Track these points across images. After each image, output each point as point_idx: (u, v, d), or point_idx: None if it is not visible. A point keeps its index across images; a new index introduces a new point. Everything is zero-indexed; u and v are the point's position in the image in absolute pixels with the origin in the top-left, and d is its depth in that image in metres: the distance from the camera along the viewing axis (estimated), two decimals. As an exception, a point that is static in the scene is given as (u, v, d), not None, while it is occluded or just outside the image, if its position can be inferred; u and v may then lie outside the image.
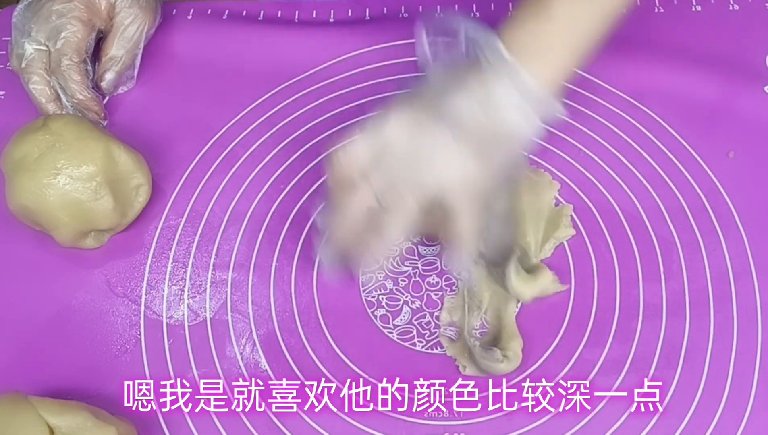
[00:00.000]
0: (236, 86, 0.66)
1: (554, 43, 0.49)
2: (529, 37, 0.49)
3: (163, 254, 0.59)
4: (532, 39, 0.49)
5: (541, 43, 0.49)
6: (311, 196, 0.60)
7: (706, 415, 0.51)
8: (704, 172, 0.61)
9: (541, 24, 0.49)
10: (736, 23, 0.68)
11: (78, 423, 0.46)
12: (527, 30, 0.49)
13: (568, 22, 0.49)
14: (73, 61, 0.61)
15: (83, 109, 0.62)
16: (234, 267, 0.58)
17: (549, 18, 0.49)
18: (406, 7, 0.70)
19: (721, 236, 0.58)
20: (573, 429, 0.51)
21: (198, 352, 0.54)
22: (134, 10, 0.64)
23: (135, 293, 0.57)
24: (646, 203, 0.59)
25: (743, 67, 0.65)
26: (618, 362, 0.53)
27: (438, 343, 0.54)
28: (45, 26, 0.61)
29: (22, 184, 0.54)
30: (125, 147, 0.57)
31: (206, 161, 0.62)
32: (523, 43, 0.49)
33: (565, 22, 0.49)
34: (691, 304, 0.55)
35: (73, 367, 0.54)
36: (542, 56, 0.49)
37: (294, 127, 0.64)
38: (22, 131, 0.56)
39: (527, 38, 0.49)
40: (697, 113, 0.63)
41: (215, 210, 0.60)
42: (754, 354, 0.53)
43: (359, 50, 0.67)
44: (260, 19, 0.70)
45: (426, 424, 0.51)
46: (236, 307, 0.56)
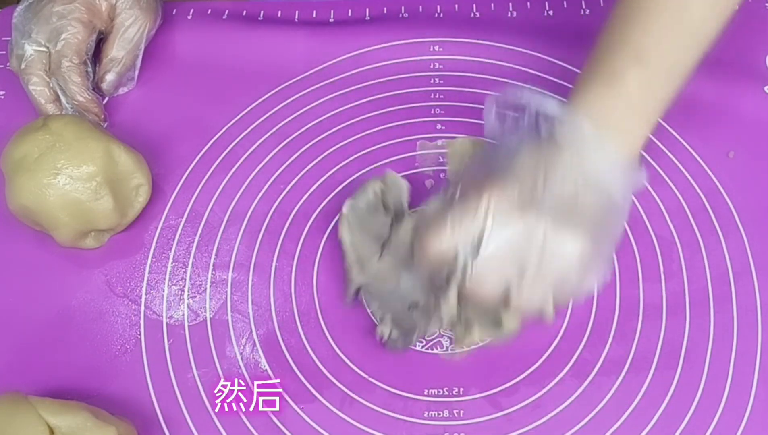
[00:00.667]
0: (236, 86, 0.66)
1: (631, 112, 0.48)
2: (606, 109, 0.47)
3: (163, 254, 0.59)
4: (608, 110, 0.47)
5: (619, 114, 0.48)
6: (311, 196, 0.60)
7: (706, 415, 0.51)
8: (704, 172, 0.61)
9: (614, 92, 0.48)
10: (736, 23, 0.68)
11: (78, 423, 0.46)
12: (602, 101, 0.48)
13: (642, 89, 0.48)
14: (74, 63, 0.61)
15: (83, 110, 0.62)
16: (234, 267, 0.58)
17: (623, 85, 0.47)
18: (406, 7, 0.70)
19: (721, 236, 0.58)
20: (573, 429, 0.51)
21: (198, 352, 0.54)
22: (135, 12, 0.64)
23: (135, 293, 0.57)
24: (646, 203, 0.59)
25: (743, 67, 0.65)
26: (618, 362, 0.53)
27: (438, 343, 0.54)
28: (45, 27, 0.61)
29: (22, 184, 0.54)
30: (125, 147, 0.57)
31: (206, 161, 0.62)
32: (601, 116, 0.47)
33: (640, 90, 0.48)
34: (691, 304, 0.55)
35: (73, 367, 0.54)
36: (622, 127, 0.48)
37: (294, 127, 0.64)
38: (22, 131, 0.56)
39: (604, 110, 0.47)
40: (697, 113, 0.63)
41: (215, 210, 0.60)
42: (754, 354, 0.53)
43: (359, 50, 0.67)
44: (260, 19, 0.70)
45: (426, 424, 0.51)
46: (236, 307, 0.56)
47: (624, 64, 0.48)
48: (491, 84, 0.65)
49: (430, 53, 0.67)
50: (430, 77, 0.66)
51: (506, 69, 0.66)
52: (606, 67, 0.49)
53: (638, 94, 0.48)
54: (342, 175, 0.61)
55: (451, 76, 0.65)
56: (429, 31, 0.68)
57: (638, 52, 0.48)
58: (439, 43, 0.67)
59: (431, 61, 0.67)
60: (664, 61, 0.49)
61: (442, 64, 0.66)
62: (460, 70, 0.66)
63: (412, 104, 0.64)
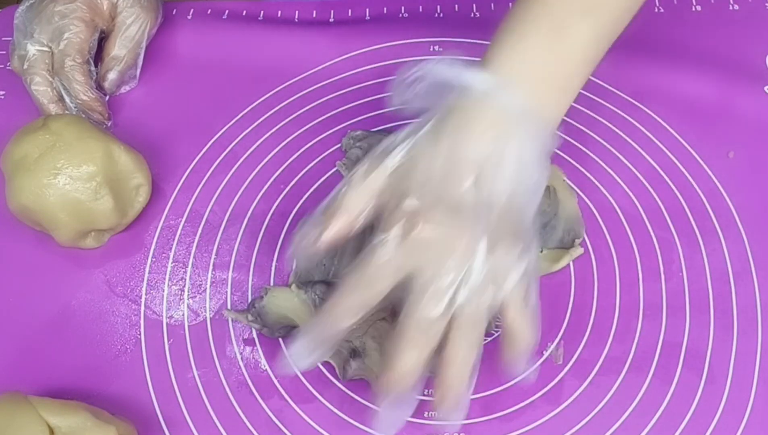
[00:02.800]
0: (236, 86, 0.66)
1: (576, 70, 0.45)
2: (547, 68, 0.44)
3: (163, 254, 0.59)
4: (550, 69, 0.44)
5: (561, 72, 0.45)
6: (311, 196, 0.60)
7: (707, 415, 0.51)
8: (704, 172, 0.61)
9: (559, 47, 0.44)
10: (736, 23, 0.68)
11: (78, 423, 0.46)
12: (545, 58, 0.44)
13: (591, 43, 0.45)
14: (77, 62, 0.61)
15: (87, 110, 0.62)
16: (234, 267, 0.58)
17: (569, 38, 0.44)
18: (406, 7, 0.70)
19: (721, 236, 0.58)
20: (573, 429, 0.51)
21: (198, 352, 0.54)
22: (136, 10, 0.64)
23: (135, 293, 0.57)
24: (646, 203, 0.59)
25: (743, 67, 0.65)
26: (618, 362, 0.53)
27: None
28: (47, 27, 0.61)
29: (22, 184, 0.54)
30: (125, 147, 0.57)
31: (206, 161, 0.62)
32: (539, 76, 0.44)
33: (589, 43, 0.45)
34: (691, 304, 0.55)
35: (73, 367, 0.54)
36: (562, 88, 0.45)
37: (294, 127, 0.64)
38: (22, 131, 0.56)
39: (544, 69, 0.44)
40: (697, 113, 0.63)
41: (215, 210, 0.60)
42: (754, 354, 0.53)
43: (359, 50, 0.67)
44: (260, 19, 0.70)
45: (426, 424, 0.51)
46: (236, 307, 0.56)
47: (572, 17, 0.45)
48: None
49: (430, 53, 0.67)
50: (430, 77, 0.66)
51: (506, 69, 0.66)
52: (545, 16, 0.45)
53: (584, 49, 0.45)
54: (342, 175, 0.61)
55: (451, 76, 0.65)
56: (429, 31, 0.68)
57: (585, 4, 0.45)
58: (439, 43, 0.67)
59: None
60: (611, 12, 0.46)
61: (442, 64, 0.66)
62: (460, 70, 0.66)
63: (412, 104, 0.64)
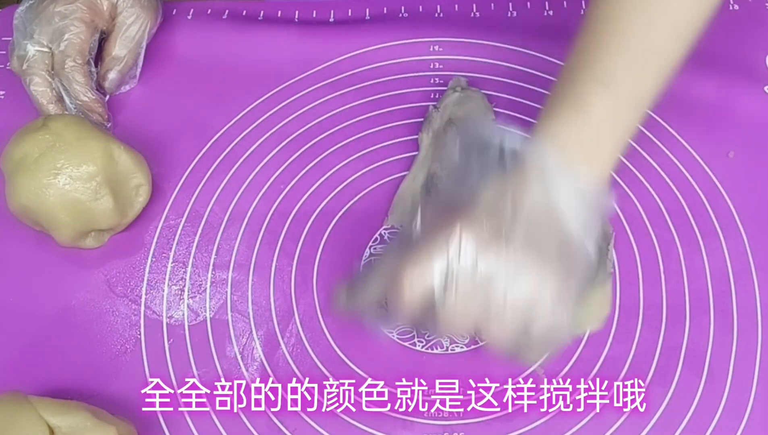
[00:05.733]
0: (236, 86, 0.66)
1: (598, 139, 0.47)
2: (572, 137, 0.46)
3: (163, 254, 0.59)
4: (575, 138, 0.46)
5: (586, 141, 0.46)
6: (311, 196, 0.60)
7: (706, 415, 0.51)
8: (704, 172, 0.61)
9: (580, 119, 0.46)
10: (736, 23, 0.68)
11: (78, 423, 0.46)
12: (568, 129, 0.46)
13: (608, 115, 0.47)
14: (77, 63, 0.61)
15: (87, 111, 0.62)
16: (234, 267, 0.58)
17: (589, 112, 0.46)
18: (406, 7, 0.70)
19: (721, 236, 0.58)
20: (573, 429, 0.51)
21: (198, 352, 0.54)
22: (136, 10, 0.64)
23: (135, 293, 0.57)
24: (646, 203, 0.59)
25: (743, 67, 0.65)
26: (618, 362, 0.53)
27: (438, 343, 0.54)
28: (47, 28, 0.61)
29: (22, 184, 0.54)
30: (125, 147, 0.57)
31: (206, 161, 0.62)
32: (568, 144, 0.46)
33: (606, 115, 0.47)
34: (691, 304, 0.55)
35: (73, 367, 0.54)
36: (589, 155, 0.46)
37: (294, 127, 0.64)
38: (22, 131, 0.56)
39: (570, 138, 0.46)
40: (697, 113, 0.63)
41: (215, 210, 0.60)
42: (754, 354, 0.53)
43: (359, 50, 0.67)
44: (260, 19, 0.70)
45: (426, 423, 0.51)
46: (236, 307, 0.56)
47: (589, 89, 0.47)
48: (491, 84, 0.65)
49: (430, 53, 0.67)
50: (430, 77, 0.66)
51: (506, 69, 0.66)
52: (571, 93, 0.47)
53: (605, 120, 0.47)
54: (342, 175, 0.61)
55: (451, 76, 0.65)
56: (429, 31, 0.68)
57: (603, 77, 0.47)
58: (439, 43, 0.67)
59: (431, 61, 0.67)
60: (629, 86, 0.48)
61: (442, 64, 0.66)
62: (460, 70, 0.66)
63: (412, 104, 0.64)
